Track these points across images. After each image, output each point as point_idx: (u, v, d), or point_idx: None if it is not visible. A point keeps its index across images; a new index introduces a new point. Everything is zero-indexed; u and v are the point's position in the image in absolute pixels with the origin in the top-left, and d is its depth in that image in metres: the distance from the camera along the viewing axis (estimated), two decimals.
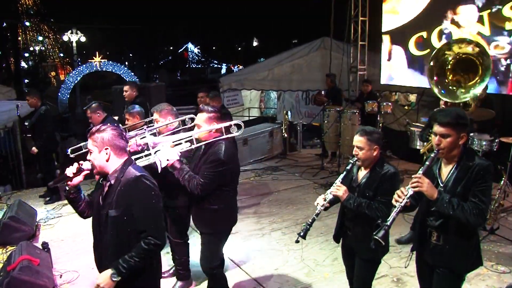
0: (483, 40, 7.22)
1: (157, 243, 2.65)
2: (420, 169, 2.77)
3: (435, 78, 4.84)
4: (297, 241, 3.25)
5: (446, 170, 2.83)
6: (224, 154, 3.49)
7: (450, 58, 4.77)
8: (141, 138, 3.80)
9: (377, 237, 2.70)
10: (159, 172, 3.43)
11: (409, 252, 3.26)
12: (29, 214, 6.06)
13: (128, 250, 2.63)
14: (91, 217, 2.89)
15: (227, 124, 3.59)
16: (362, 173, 3.29)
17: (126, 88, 7.03)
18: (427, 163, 2.78)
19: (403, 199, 2.70)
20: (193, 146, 3.58)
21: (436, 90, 4.84)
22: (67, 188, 2.86)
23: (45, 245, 5.05)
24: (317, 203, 3.26)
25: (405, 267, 3.45)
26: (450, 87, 4.77)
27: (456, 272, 2.90)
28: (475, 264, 2.92)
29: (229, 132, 3.55)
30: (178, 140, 3.59)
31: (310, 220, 3.24)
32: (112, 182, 2.68)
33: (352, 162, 3.29)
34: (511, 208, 6.14)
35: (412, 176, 2.75)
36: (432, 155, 2.78)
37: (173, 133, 4.01)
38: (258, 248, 5.36)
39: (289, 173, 8.61)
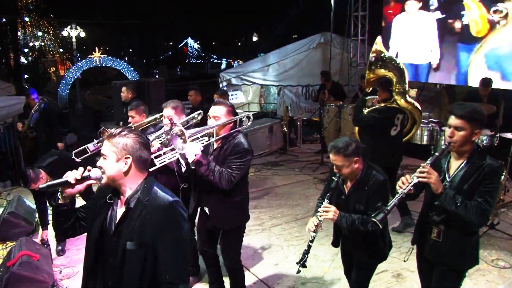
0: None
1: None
2: (429, 159, 2.74)
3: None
4: (298, 272, 3.25)
5: (455, 165, 2.80)
6: (247, 143, 3.51)
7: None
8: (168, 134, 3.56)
9: (375, 220, 2.70)
10: (185, 168, 3.37)
11: (409, 247, 3.26)
12: (28, 210, 6.05)
13: None
14: (86, 235, 2.28)
15: (242, 115, 3.65)
16: (349, 183, 3.19)
17: (123, 89, 7.13)
18: (436, 154, 2.75)
19: (407, 187, 2.69)
20: (211, 140, 3.51)
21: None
22: (61, 197, 2.22)
23: (44, 241, 5.06)
24: (308, 229, 3.15)
25: (404, 261, 3.45)
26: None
27: (454, 269, 2.89)
28: (472, 263, 2.91)
29: (241, 124, 3.61)
30: (196, 134, 3.43)
31: (306, 248, 3.18)
32: (132, 205, 2.12)
33: (336, 179, 3.17)
34: (511, 203, 6.13)
35: (420, 165, 2.73)
36: (443, 147, 2.75)
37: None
38: (258, 243, 5.35)
39: (289, 168, 8.60)
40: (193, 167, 3.33)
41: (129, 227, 2.09)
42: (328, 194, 3.22)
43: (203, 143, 3.42)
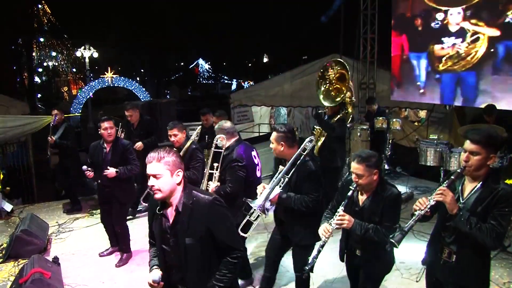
0: None
1: (242, 255, 2.76)
2: (445, 182, 2.79)
3: (322, 88, 6.73)
4: (306, 276, 3.29)
5: (469, 188, 2.83)
6: (314, 166, 3.66)
7: (332, 75, 6.66)
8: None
9: (393, 241, 2.77)
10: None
11: (418, 269, 3.26)
12: (41, 228, 6.11)
13: (211, 269, 2.67)
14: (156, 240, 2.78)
15: (305, 142, 3.66)
16: (363, 196, 3.28)
17: (128, 113, 6.68)
18: (452, 177, 2.79)
19: (424, 208, 2.74)
20: (287, 177, 3.62)
21: (321, 97, 6.61)
22: None
23: (55, 259, 5.11)
24: (322, 234, 3.22)
25: (417, 281, 3.44)
26: (332, 94, 6.53)
27: None
28: (483, 286, 2.90)
29: (304, 149, 3.64)
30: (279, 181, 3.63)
31: (316, 253, 3.23)
32: (181, 209, 2.59)
33: (353, 188, 3.24)
34: None
35: (437, 188, 2.78)
36: (458, 170, 2.79)
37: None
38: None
39: None
40: (278, 204, 3.65)
41: (183, 226, 2.58)
42: (343, 202, 3.26)
43: (280, 186, 3.61)
